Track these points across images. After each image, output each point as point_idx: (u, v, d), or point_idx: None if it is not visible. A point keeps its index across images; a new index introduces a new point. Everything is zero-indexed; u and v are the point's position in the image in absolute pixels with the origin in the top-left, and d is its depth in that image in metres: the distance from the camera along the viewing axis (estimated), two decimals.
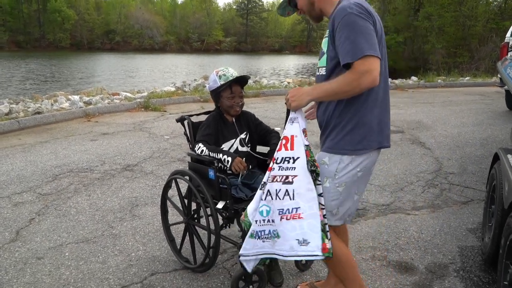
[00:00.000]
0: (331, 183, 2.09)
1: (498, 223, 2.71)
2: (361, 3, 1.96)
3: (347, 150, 2.06)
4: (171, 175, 2.98)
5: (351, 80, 1.88)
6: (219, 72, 2.77)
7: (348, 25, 1.90)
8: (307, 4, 2.18)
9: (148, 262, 3.08)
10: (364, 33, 1.88)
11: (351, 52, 1.87)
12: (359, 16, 1.90)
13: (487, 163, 5.28)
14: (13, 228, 3.65)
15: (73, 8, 74.70)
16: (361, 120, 2.03)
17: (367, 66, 1.85)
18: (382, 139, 2.11)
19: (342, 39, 1.91)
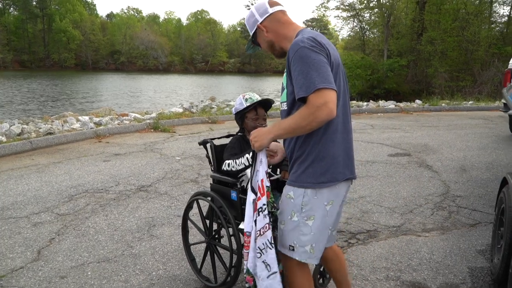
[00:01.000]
0: (299, 216, 2.10)
1: (508, 244, 2.82)
2: (314, 36, 2.00)
3: (309, 183, 2.06)
4: (193, 196, 3.10)
5: (307, 114, 1.91)
6: (246, 96, 2.93)
7: (301, 58, 1.93)
8: (268, 45, 2.27)
9: (169, 281, 3.19)
10: (317, 66, 1.90)
11: (304, 86, 1.90)
12: (311, 50, 1.93)
13: (493, 186, 5.41)
14: (34, 248, 3.76)
15: (79, 28, 76.03)
16: (322, 153, 2.05)
17: (321, 99, 1.87)
18: (347, 171, 2.13)
19: (296, 73, 1.94)
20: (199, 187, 5.38)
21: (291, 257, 2.17)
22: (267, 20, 2.21)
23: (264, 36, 2.24)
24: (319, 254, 2.19)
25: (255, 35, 2.30)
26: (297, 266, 2.22)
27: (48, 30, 74.89)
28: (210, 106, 13.33)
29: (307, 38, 1.97)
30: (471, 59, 23.41)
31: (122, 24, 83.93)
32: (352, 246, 3.79)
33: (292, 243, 2.15)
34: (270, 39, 2.24)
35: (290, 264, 2.23)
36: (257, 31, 2.26)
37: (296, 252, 2.15)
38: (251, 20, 2.27)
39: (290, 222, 2.13)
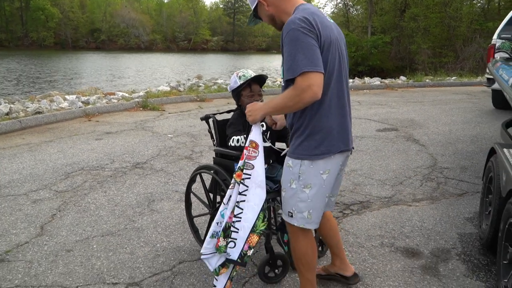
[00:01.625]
0: (297, 184, 2.24)
1: (496, 210, 3.00)
2: (307, 16, 2.06)
3: (305, 155, 2.19)
4: (196, 170, 3.20)
5: (292, 96, 2.02)
6: (239, 73, 2.99)
7: (291, 41, 2.02)
8: (269, 18, 2.35)
9: (174, 252, 3.30)
10: (305, 49, 1.99)
11: (291, 69, 2.01)
12: (301, 32, 2.00)
13: (478, 158, 5.63)
14: (37, 223, 3.83)
15: (57, 6, 74.01)
16: (317, 127, 2.16)
17: (306, 82, 1.96)
18: (341, 144, 2.23)
19: (286, 55, 2.05)
20: (194, 164, 5.47)
21: (290, 223, 2.35)
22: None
23: (265, 10, 2.32)
24: (317, 219, 2.34)
25: (256, 9, 2.38)
26: (300, 231, 2.37)
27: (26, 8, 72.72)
28: (197, 85, 13.31)
29: (298, 19, 2.04)
30: (453, 35, 23.66)
31: (101, 1, 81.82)
32: (346, 216, 3.95)
33: (291, 210, 2.31)
34: (271, 13, 2.31)
35: (293, 229, 2.39)
36: (258, 4, 2.34)
37: (294, 218, 2.31)
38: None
39: (289, 189, 2.29)
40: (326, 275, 2.88)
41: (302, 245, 2.40)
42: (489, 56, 8.32)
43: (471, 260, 3.15)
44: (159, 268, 3.07)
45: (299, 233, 2.38)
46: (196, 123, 7.79)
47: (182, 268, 3.07)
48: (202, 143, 6.44)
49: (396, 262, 3.12)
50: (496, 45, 8.22)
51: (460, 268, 3.04)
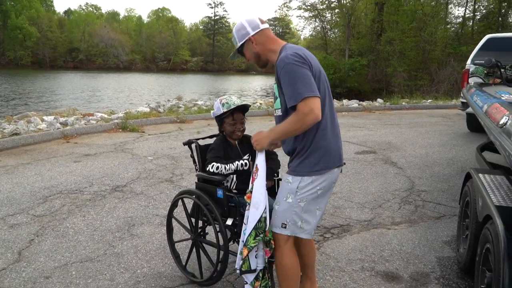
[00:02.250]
0: (293, 199, 2.43)
1: (473, 234, 3.07)
2: (297, 51, 2.34)
3: (305, 172, 2.41)
4: (178, 195, 3.20)
5: (297, 120, 2.26)
6: (223, 100, 3.04)
7: (288, 73, 2.28)
8: (254, 56, 2.57)
9: (154, 278, 3.27)
10: (302, 78, 2.26)
11: (293, 97, 2.26)
12: (295, 65, 2.28)
13: (454, 181, 5.76)
14: (14, 249, 3.74)
15: (35, 25, 73.48)
16: (316, 146, 2.39)
17: (308, 107, 2.22)
18: (337, 160, 2.47)
19: (285, 86, 2.30)
20: (175, 187, 5.45)
21: (282, 233, 2.48)
22: (257, 34, 2.51)
23: (253, 47, 2.53)
24: (311, 230, 2.53)
25: (242, 46, 2.56)
26: (287, 248, 2.53)
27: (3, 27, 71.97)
28: (177, 106, 13.32)
29: (291, 54, 2.31)
30: (428, 59, 24.34)
31: (80, 21, 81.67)
32: (327, 240, 3.98)
33: (284, 221, 2.47)
34: (257, 51, 2.53)
35: (280, 244, 2.53)
36: (246, 42, 2.54)
37: (288, 228, 2.47)
38: (242, 32, 2.54)
39: (284, 203, 2.46)
40: None
41: (288, 261, 2.53)
42: (464, 80, 8.59)
43: (449, 284, 3.21)
44: None
45: (285, 247, 2.52)
46: (176, 145, 7.77)
47: None
48: (182, 166, 6.42)
49: (376, 287, 3.15)
50: (470, 70, 8.51)
51: None
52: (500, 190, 3.00)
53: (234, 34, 2.57)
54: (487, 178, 3.29)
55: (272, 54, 2.49)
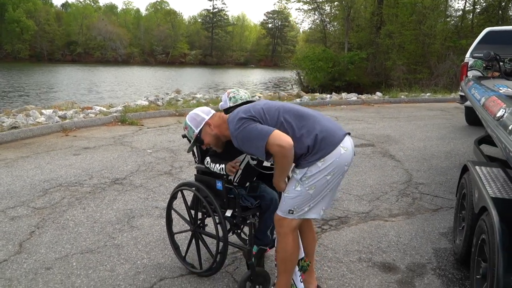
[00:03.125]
0: (302, 187, 2.52)
1: (469, 226, 3.11)
2: (234, 116, 2.53)
3: (310, 162, 2.48)
4: (178, 187, 3.22)
5: (279, 161, 2.46)
6: (230, 94, 3.06)
7: (242, 140, 2.49)
8: (214, 138, 2.72)
9: (154, 269, 3.31)
10: (252, 134, 2.44)
11: (260, 153, 2.45)
12: (241, 129, 2.47)
13: (452, 174, 5.79)
14: (15, 241, 3.78)
15: (33, 18, 73.12)
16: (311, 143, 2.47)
17: (274, 146, 2.38)
18: (334, 138, 2.52)
19: (251, 151, 2.54)
20: (174, 179, 5.48)
21: (288, 218, 2.57)
22: (211, 118, 2.74)
23: (210, 130, 2.72)
24: (320, 211, 2.62)
25: (200, 132, 2.74)
26: (290, 233, 2.60)
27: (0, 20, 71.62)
28: (176, 99, 13.32)
29: (231, 124, 2.53)
30: (428, 52, 24.28)
31: (78, 14, 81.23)
32: (325, 231, 4.02)
33: (292, 208, 2.55)
34: (215, 132, 2.70)
35: (284, 231, 2.60)
36: (203, 127, 2.73)
37: (294, 214, 2.56)
38: (198, 119, 2.75)
39: (293, 191, 2.54)
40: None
41: (290, 246, 2.61)
42: (462, 74, 8.59)
43: (445, 275, 3.25)
44: (140, 286, 3.08)
45: (290, 235, 2.60)
46: (175, 138, 7.79)
47: (163, 285, 3.08)
48: (181, 159, 6.45)
49: (373, 277, 3.20)
50: (469, 63, 8.51)
51: (435, 283, 3.14)
52: (496, 182, 3.04)
53: (189, 123, 2.76)
54: (484, 170, 3.32)
55: (226, 130, 2.62)
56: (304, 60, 26.87)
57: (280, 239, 2.63)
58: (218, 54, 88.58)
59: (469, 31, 25.45)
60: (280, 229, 2.61)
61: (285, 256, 2.63)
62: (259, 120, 2.48)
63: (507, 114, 3.09)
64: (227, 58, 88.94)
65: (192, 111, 2.81)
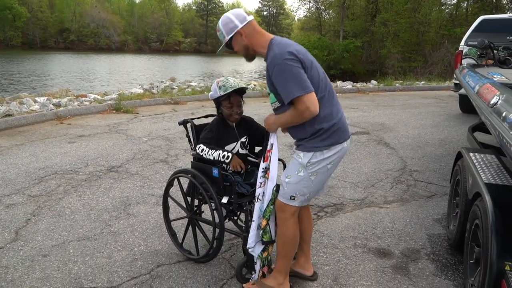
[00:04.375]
0: (305, 172, 2.54)
1: (463, 211, 3.15)
2: (287, 48, 2.40)
3: (317, 147, 2.50)
4: (174, 174, 3.24)
5: (296, 115, 2.42)
6: (220, 82, 3.02)
7: (280, 73, 2.37)
8: (243, 48, 2.60)
9: (151, 255, 3.33)
10: (293, 78, 2.34)
11: (286, 96, 2.38)
12: (287, 64, 2.35)
13: (446, 161, 5.84)
14: (11, 228, 3.78)
15: (25, 5, 72.15)
16: (324, 124, 2.49)
17: (302, 106, 2.35)
18: (345, 134, 2.59)
19: (278, 86, 2.41)
20: (170, 167, 5.49)
21: (290, 204, 2.60)
22: (245, 26, 2.54)
23: (242, 40, 2.56)
24: (312, 198, 2.74)
25: (231, 39, 2.58)
26: (292, 218, 2.65)
27: None
28: (171, 87, 13.26)
29: (280, 53, 2.38)
30: (422, 40, 24.31)
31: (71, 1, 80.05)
32: (321, 218, 4.05)
33: (294, 194, 2.58)
34: (246, 43, 2.57)
35: (285, 216, 2.64)
36: (235, 35, 2.56)
37: (296, 200, 2.59)
38: (230, 26, 2.56)
39: (296, 176, 2.57)
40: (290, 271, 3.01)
41: (292, 231, 2.66)
42: (457, 62, 8.61)
43: (439, 260, 3.30)
44: (137, 272, 3.10)
45: (291, 219, 2.65)
46: (171, 126, 7.78)
47: (161, 271, 3.11)
48: (177, 146, 6.45)
49: (368, 263, 3.24)
50: (463, 51, 8.52)
51: (429, 268, 3.18)
52: (490, 168, 3.07)
53: (221, 28, 2.59)
54: (478, 156, 3.36)
55: (261, 48, 2.54)
56: None
57: (281, 224, 2.66)
58: (213, 42, 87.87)
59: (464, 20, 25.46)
60: (281, 214, 2.64)
61: (286, 241, 2.67)
62: (304, 70, 2.41)
63: (501, 101, 3.11)
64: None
65: (226, 13, 2.63)
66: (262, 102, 10.62)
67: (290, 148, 6.41)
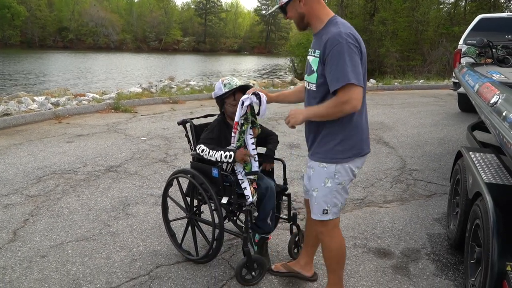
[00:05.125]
0: (332, 182, 2.41)
1: (463, 211, 3.14)
2: (351, 31, 2.25)
3: (340, 158, 2.37)
4: (173, 174, 3.22)
5: (334, 106, 2.23)
6: (225, 80, 3.02)
7: (339, 54, 2.18)
8: (298, 16, 2.41)
9: (150, 256, 3.31)
10: (351, 63, 2.17)
11: (338, 79, 2.18)
12: (349, 47, 2.18)
13: (445, 160, 5.83)
14: (9, 229, 3.76)
15: (24, 4, 72.02)
16: (351, 132, 2.36)
17: (348, 95, 2.18)
18: (366, 147, 2.48)
19: (333, 66, 2.20)
20: (169, 167, 5.47)
21: (326, 219, 2.47)
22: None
23: (299, 6, 2.37)
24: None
25: (288, 2, 2.40)
26: (334, 229, 2.55)
27: None
28: (169, 86, 13.24)
29: (346, 34, 2.21)
30: (421, 39, 24.25)
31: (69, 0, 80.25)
32: None
33: (326, 207, 2.45)
34: (303, 11, 2.38)
35: (327, 229, 2.52)
36: (293, 1, 2.37)
37: (330, 213, 2.46)
38: None
39: (323, 188, 2.43)
40: (287, 272, 3.00)
41: (337, 241, 2.56)
42: (456, 61, 8.61)
43: (440, 260, 3.29)
44: (136, 273, 3.08)
45: (334, 230, 2.54)
46: (169, 126, 7.75)
47: (160, 272, 3.09)
48: (176, 146, 6.43)
49: (368, 263, 3.23)
50: (462, 50, 8.52)
51: (429, 268, 3.17)
52: (490, 168, 3.06)
53: None
54: (478, 156, 3.34)
55: (317, 21, 2.37)
56: (298, 47, 26.74)
57: (323, 238, 2.56)
58: (212, 41, 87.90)
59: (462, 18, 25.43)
60: (322, 229, 2.53)
61: (331, 256, 2.57)
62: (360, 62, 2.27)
63: (500, 101, 3.10)
64: (221, 45, 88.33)
65: None
66: None
67: (290, 147, 6.40)
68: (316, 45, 2.34)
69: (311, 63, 2.38)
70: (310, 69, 2.39)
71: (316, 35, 2.39)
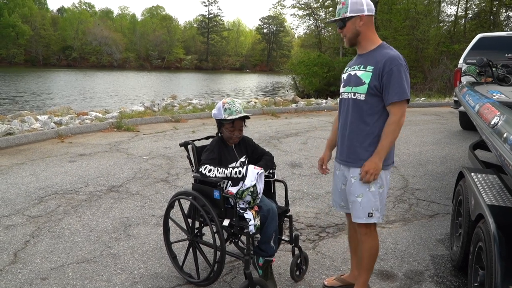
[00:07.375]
0: (375, 187, 2.68)
1: (466, 233, 3.12)
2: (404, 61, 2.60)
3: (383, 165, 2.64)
4: (175, 196, 3.21)
5: (395, 124, 2.56)
6: (226, 105, 3.01)
7: (399, 72, 2.54)
8: (354, 32, 2.67)
9: (151, 278, 3.29)
10: (407, 83, 2.57)
11: (399, 94, 2.53)
12: (406, 69, 2.58)
13: (448, 179, 5.81)
14: (10, 250, 3.75)
15: (28, 23, 73.09)
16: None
17: (401, 110, 2.56)
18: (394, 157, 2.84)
19: (393, 81, 2.54)
20: (171, 187, 5.46)
21: (370, 222, 2.72)
22: (368, 16, 2.65)
23: (358, 25, 2.64)
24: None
25: (350, 18, 2.64)
26: (374, 231, 2.80)
27: None
28: (172, 105, 13.31)
29: (402, 58, 2.60)
30: (421, 57, 24.45)
31: (73, 19, 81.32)
32: (323, 239, 4.01)
33: (370, 210, 2.69)
34: (360, 30, 2.66)
35: (369, 230, 2.76)
36: (355, 17, 2.63)
37: (374, 216, 2.70)
38: (358, 7, 2.63)
39: (368, 193, 2.68)
40: (342, 285, 3.10)
41: (376, 242, 2.82)
42: (456, 79, 8.65)
43: (443, 282, 3.25)
44: None
45: (374, 232, 2.80)
46: (171, 145, 7.77)
47: None
48: (178, 165, 6.43)
49: (372, 285, 3.19)
50: (462, 69, 8.57)
51: None
52: (492, 189, 3.05)
53: (349, 4, 2.62)
54: (479, 177, 3.33)
55: (368, 42, 2.68)
56: (299, 65, 26.91)
57: (367, 239, 2.76)
58: (214, 59, 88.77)
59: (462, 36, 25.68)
60: (366, 230, 2.75)
61: (372, 254, 2.78)
62: None
63: (501, 122, 3.11)
64: (223, 63, 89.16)
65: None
66: (263, 120, 10.64)
67: (291, 166, 6.39)
68: (367, 62, 2.64)
69: (360, 76, 2.65)
70: (359, 81, 2.66)
71: (364, 55, 2.69)
